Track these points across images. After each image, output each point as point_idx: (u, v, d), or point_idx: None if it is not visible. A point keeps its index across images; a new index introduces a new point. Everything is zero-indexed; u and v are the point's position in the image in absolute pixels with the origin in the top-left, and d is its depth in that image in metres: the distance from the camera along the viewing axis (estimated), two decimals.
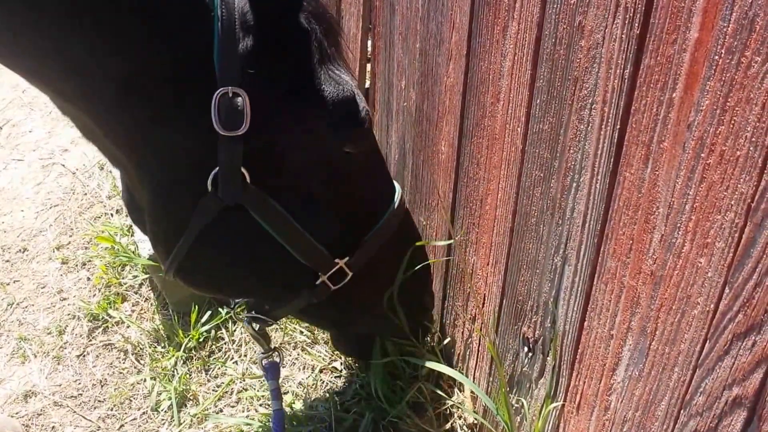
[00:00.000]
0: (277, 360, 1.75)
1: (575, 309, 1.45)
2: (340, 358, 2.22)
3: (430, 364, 2.03)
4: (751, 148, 0.93)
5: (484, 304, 1.88)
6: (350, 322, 1.82)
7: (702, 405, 1.10)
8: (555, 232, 1.47)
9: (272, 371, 1.72)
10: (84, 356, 2.29)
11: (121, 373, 2.22)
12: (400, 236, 1.72)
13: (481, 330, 1.90)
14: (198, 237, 1.39)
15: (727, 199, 0.98)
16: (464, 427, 2.01)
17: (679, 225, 1.09)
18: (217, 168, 1.29)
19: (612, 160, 1.23)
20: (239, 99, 1.24)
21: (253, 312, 1.67)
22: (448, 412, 2.06)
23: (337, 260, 1.53)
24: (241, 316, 1.74)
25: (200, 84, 1.24)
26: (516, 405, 1.78)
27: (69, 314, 2.41)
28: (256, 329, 1.70)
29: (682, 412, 1.15)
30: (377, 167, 1.65)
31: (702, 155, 1.02)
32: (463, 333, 2.06)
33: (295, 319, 2.35)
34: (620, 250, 1.26)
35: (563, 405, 1.56)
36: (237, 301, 2.08)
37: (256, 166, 1.33)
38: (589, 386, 1.45)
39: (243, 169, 1.31)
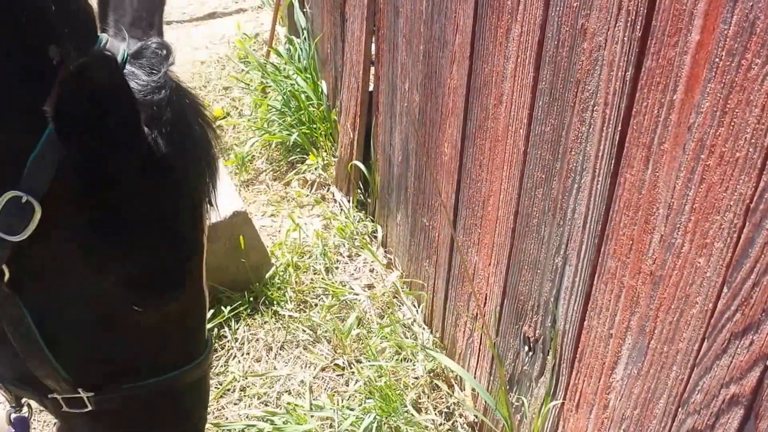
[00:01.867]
0: (26, 415, 1.53)
1: (575, 308, 1.45)
2: (342, 356, 2.23)
3: (438, 357, 2.04)
4: (751, 150, 0.94)
5: (485, 303, 1.89)
6: None
7: (700, 403, 1.11)
8: (556, 232, 1.47)
9: (21, 426, 1.52)
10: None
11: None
12: (185, 393, 1.51)
13: (482, 329, 1.90)
14: None
15: (727, 199, 0.99)
16: (465, 425, 2.01)
17: (678, 225, 1.09)
18: None
19: (613, 161, 1.24)
20: (31, 209, 1.12)
21: None
22: (449, 410, 2.06)
23: (80, 390, 1.35)
24: None
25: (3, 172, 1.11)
26: (516, 403, 1.78)
27: None
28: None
29: (680, 410, 1.15)
30: (181, 321, 1.42)
31: (702, 156, 1.02)
32: (464, 332, 2.07)
33: (297, 318, 2.36)
34: (620, 250, 1.26)
35: (563, 403, 1.56)
36: None
37: (21, 270, 1.20)
38: (588, 385, 1.45)
39: (4, 267, 1.18)
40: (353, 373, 2.17)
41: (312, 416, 2.01)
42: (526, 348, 1.71)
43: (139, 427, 1.51)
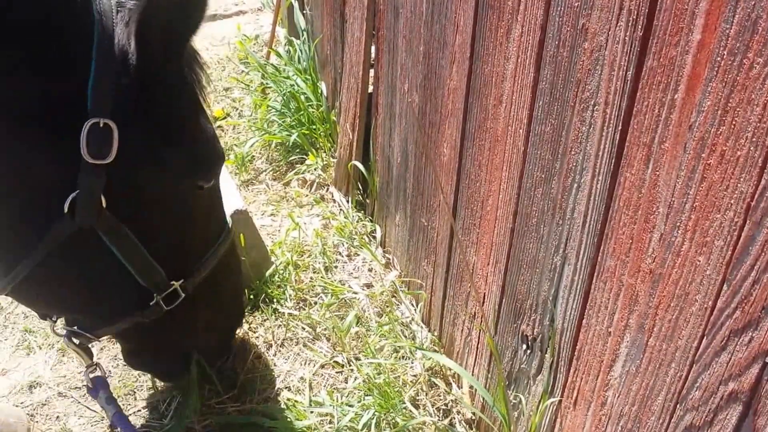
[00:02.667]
0: (100, 374, 1.74)
1: (574, 307, 1.45)
2: (342, 354, 2.22)
3: (435, 357, 2.03)
4: (752, 148, 0.93)
5: (484, 302, 1.88)
6: (173, 340, 1.85)
7: (698, 400, 1.10)
8: (555, 231, 1.47)
9: (99, 384, 1.71)
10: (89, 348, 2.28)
11: (125, 365, 2.21)
12: (227, 263, 1.79)
13: (480, 327, 1.90)
14: (43, 260, 1.36)
15: (727, 198, 0.98)
16: (463, 422, 2.01)
17: (678, 224, 1.09)
18: (77, 192, 1.29)
19: (613, 161, 1.23)
20: (109, 130, 1.25)
21: (75, 327, 1.64)
22: (447, 407, 2.05)
23: (173, 282, 1.57)
24: (59, 330, 1.68)
25: (71, 110, 1.24)
26: (514, 401, 1.77)
27: None
28: (77, 343, 1.68)
29: (678, 406, 1.15)
30: (217, 201, 1.71)
31: (703, 155, 1.02)
32: (462, 331, 2.06)
33: (297, 316, 2.35)
34: (620, 249, 1.26)
35: (560, 401, 1.56)
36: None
37: (114, 193, 1.33)
38: (586, 382, 1.45)
39: (103, 198, 1.32)
40: (352, 370, 2.16)
41: (311, 412, 2.00)
42: (524, 346, 1.70)
43: (215, 302, 1.81)
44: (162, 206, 1.47)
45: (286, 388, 2.14)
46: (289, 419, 1.97)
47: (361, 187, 2.80)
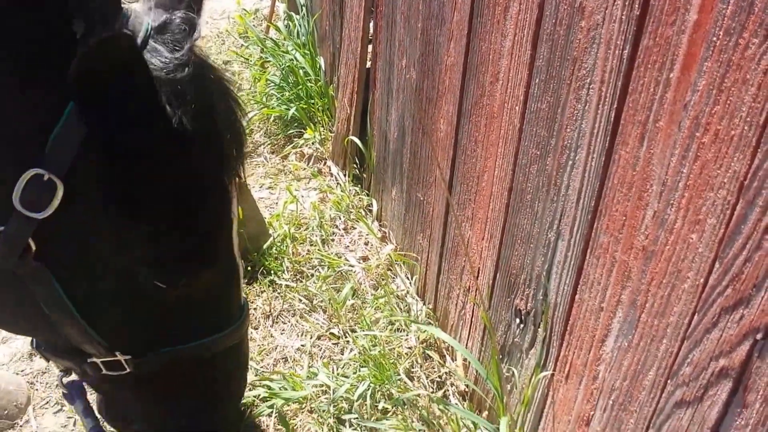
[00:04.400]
0: (76, 378, 1.53)
1: (567, 282, 1.45)
2: (338, 326, 2.22)
3: (429, 329, 2.03)
4: (746, 128, 0.92)
5: (478, 277, 1.88)
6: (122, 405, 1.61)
7: (689, 375, 1.10)
8: (549, 208, 1.46)
9: (75, 391, 1.54)
10: None
11: None
12: (224, 358, 1.52)
13: (475, 301, 1.90)
14: None
15: (720, 177, 0.97)
16: (456, 394, 2.02)
17: (671, 202, 1.08)
18: (2, 229, 1.13)
19: (608, 138, 1.22)
20: (53, 187, 1.09)
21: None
22: (441, 379, 2.06)
23: (117, 354, 1.35)
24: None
25: (19, 150, 1.10)
26: (507, 374, 1.78)
27: None
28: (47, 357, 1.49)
29: (669, 381, 1.15)
30: (212, 292, 1.41)
31: (697, 134, 1.01)
32: (457, 304, 2.06)
33: (294, 288, 2.35)
34: (613, 226, 1.25)
35: (553, 374, 1.56)
36: None
37: (48, 244, 1.17)
38: (578, 357, 1.45)
39: (30, 241, 1.15)
40: (348, 342, 2.17)
41: (308, 383, 2.00)
42: (518, 320, 1.70)
43: (179, 393, 1.52)
44: (112, 284, 1.26)
45: (283, 359, 2.15)
46: (285, 389, 1.98)
47: (358, 162, 2.79)
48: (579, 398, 1.46)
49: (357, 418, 1.91)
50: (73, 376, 1.54)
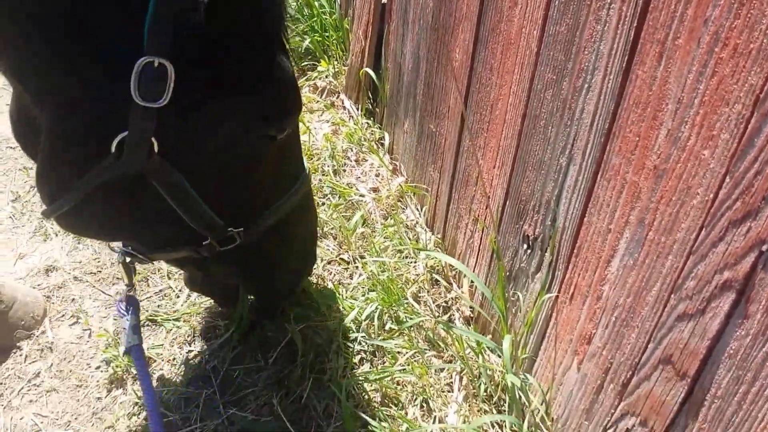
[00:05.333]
0: (135, 295, 1.65)
1: (576, 206, 1.46)
2: (348, 252, 2.25)
3: (437, 255, 2.06)
4: (765, 41, 0.92)
5: (488, 205, 1.89)
6: (228, 276, 1.76)
7: (692, 289, 1.12)
8: (563, 132, 1.46)
9: (132, 308, 1.61)
10: None
11: None
12: (299, 212, 1.66)
13: (484, 226, 1.92)
14: (88, 196, 1.26)
15: (737, 91, 0.98)
16: (461, 319, 2.06)
17: (686, 119, 1.09)
18: (126, 133, 1.17)
19: (626, 59, 1.22)
20: (164, 71, 1.12)
21: (130, 248, 1.57)
22: (447, 304, 2.10)
23: (230, 229, 1.46)
24: (114, 247, 1.60)
25: (125, 45, 1.11)
26: (512, 298, 1.81)
27: None
28: (128, 261, 1.61)
29: (672, 296, 1.17)
30: (292, 149, 1.56)
31: (715, 50, 1.00)
32: (465, 233, 2.09)
33: None
34: (626, 147, 1.26)
35: (557, 296, 1.59)
36: None
37: (168, 137, 1.21)
38: (583, 278, 1.47)
39: (153, 139, 1.19)
40: (357, 267, 2.20)
41: (321, 302, 2.04)
42: (525, 246, 1.72)
43: (275, 257, 1.69)
44: (225, 156, 1.33)
45: None
46: (297, 309, 2.01)
47: (371, 96, 2.78)
48: (582, 318, 1.49)
49: (364, 336, 1.95)
50: (133, 293, 1.66)
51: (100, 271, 2.22)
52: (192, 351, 1.97)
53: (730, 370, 1.08)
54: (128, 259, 1.60)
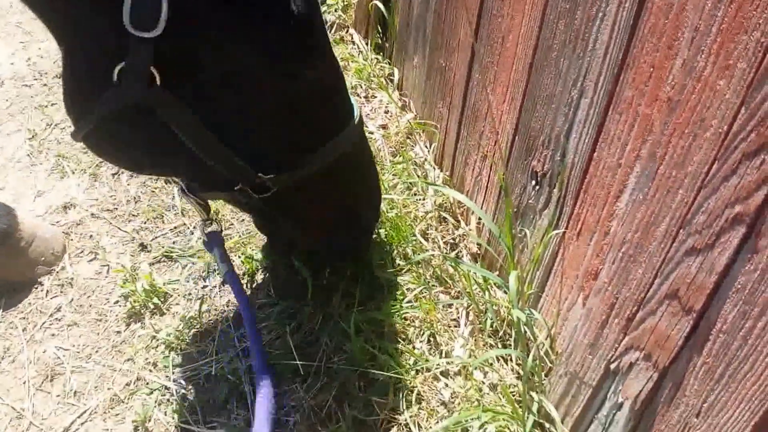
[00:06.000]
0: (217, 228, 1.64)
1: (586, 141, 1.42)
2: None
3: (445, 191, 2.03)
4: None
5: (496, 141, 1.85)
6: (284, 228, 1.70)
7: (702, 224, 1.09)
8: (575, 65, 1.41)
9: (215, 240, 1.61)
10: (119, 175, 2.30)
11: (153, 191, 2.24)
12: (351, 161, 1.56)
13: (493, 161, 1.88)
14: (101, 121, 1.27)
15: (756, 18, 0.92)
16: (468, 255, 2.04)
17: (703, 48, 1.03)
18: (123, 63, 1.16)
19: None
20: (157, 2, 1.10)
21: (183, 185, 1.54)
22: (455, 241, 2.08)
23: (260, 175, 1.39)
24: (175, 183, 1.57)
25: None
26: (519, 235, 1.79)
27: None
28: (191, 197, 1.56)
29: (681, 230, 1.14)
30: (328, 93, 1.44)
31: None
32: (473, 170, 2.05)
33: None
34: (639, 78, 1.21)
35: (564, 232, 1.56)
36: None
37: (173, 68, 1.19)
38: (591, 214, 1.44)
39: (153, 70, 1.17)
40: None
41: None
42: (533, 182, 1.69)
43: (323, 208, 1.61)
44: (238, 94, 1.27)
45: None
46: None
47: (380, 30, 2.70)
48: (589, 254, 1.47)
49: (373, 273, 1.94)
50: (214, 227, 1.65)
51: (116, 208, 2.21)
52: (207, 287, 1.98)
53: (737, 305, 1.06)
54: (186, 195, 1.56)
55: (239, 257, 2.01)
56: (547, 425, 1.63)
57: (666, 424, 1.27)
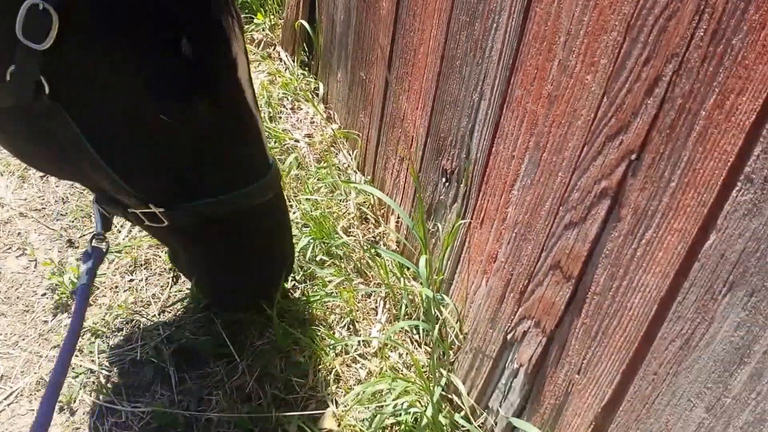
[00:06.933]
0: (102, 247, 1.54)
1: (486, 138, 1.57)
2: (283, 191, 2.32)
3: (365, 187, 2.15)
4: None
5: (411, 145, 2.00)
6: (188, 258, 1.68)
7: (576, 200, 1.25)
8: (475, 71, 1.57)
9: (95, 256, 1.51)
10: (47, 178, 2.32)
11: (81, 193, 2.27)
12: (261, 218, 1.56)
13: (408, 167, 2.02)
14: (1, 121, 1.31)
15: (613, 20, 1.09)
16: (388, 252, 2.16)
17: (573, 49, 1.20)
18: (13, 67, 1.19)
19: None
20: (49, 17, 1.13)
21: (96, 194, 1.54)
22: (375, 239, 2.21)
23: (151, 205, 1.40)
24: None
25: None
26: (432, 230, 1.93)
27: None
28: (101, 208, 1.54)
29: (561, 208, 1.30)
30: (230, 139, 1.40)
31: None
32: (392, 174, 2.19)
33: None
34: (526, 79, 1.37)
35: (470, 222, 1.71)
36: None
37: (62, 81, 1.22)
38: (491, 203, 1.59)
39: (42, 79, 1.20)
40: (291, 206, 2.27)
41: None
42: (444, 180, 1.84)
43: (223, 255, 1.57)
44: (123, 118, 1.27)
45: None
46: None
47: (306, 48, 2.83)
48: (490, 240, 1.62)
49: (298, 265, 2.04)
50: (103, 245, 1.54)
51: (44, 208, 2.23)
52: (133, 280, 2.03)
53: (606, 268, 1.21)
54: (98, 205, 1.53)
55: (164, 253, 2.07)
56: (455, 399, 1.75)
57: (554, 384, 1.41)
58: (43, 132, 1.30)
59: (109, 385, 1.73)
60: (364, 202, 2.26)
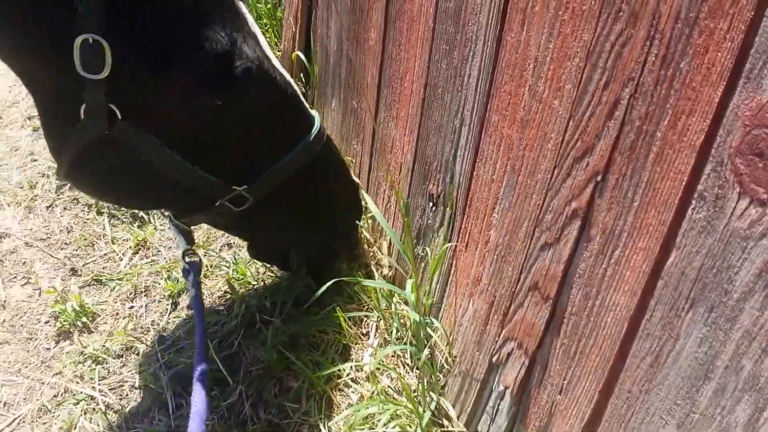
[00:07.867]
0: (196, 260, 1.71)
1: (468, 162, 1.59)
2: None
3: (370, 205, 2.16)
4: (592, 3, 1.06)
5: (400, 171, 2.02)
6: (269, 238, 1.84)
7: (550, 221, 1.26)
8: (456, 98, 1.59)
9: (194, 268, 1.67)
10: (53, 208, 2.37)
11: (85, 222, 2.32)
12: (318, 166, 1.72)
13: (398, 193, 2.04)
14: (75, 158, 1.39)
15: (575, 47, 1.12)
16: (381, 276, 2.18)
17: (541, 75, 1.22)
18: (84, 104, 1.29)
19: (498, 27, 1.35)
20: (100, 46, 1.21)
21: (171, 214, 1.67)
22: (368, 265, 2.22)
23: (235, 187, 1.54)
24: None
25: (64, 26, 1.21)
26: (422, 254, 1.94)
27: (39, 173, 2.46)
28: (178, 226, 1.68)
29: (536, 229, 1.31)
30: (279, 105, 1.58)
31: (560, 13, 1.14)
32: (383, 199, 2.21)
33: None
34: (502, 105, 1.39)
35: (456, 246, 1.72)
36: None
37: (128, 104, 1.31)
38: (475, 226, 1.61)
39: (113, 106, 1.29)
40: None
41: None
42: (431, 204, 1.85)
43: (300, 220, 1.76)
44: (190, 118, 1.39)
45: (227, 244, 2.26)
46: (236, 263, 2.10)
47: (303, 80, 2.87)
48: (475, 262, 1.63)
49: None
50: (194, 258, 1.70)
51: (49, 237, 2.27)
52: (133, 307, 2.05)
53: (581, 288, 1.22)
54: (174, 223, 1.66)
55: (164, 280, 2.09)
56: (446, 423, 1.75)
57: (538, 405, 1.41)
58: (126, 158, 1.39)
59: (109, 412, 1.75)
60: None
